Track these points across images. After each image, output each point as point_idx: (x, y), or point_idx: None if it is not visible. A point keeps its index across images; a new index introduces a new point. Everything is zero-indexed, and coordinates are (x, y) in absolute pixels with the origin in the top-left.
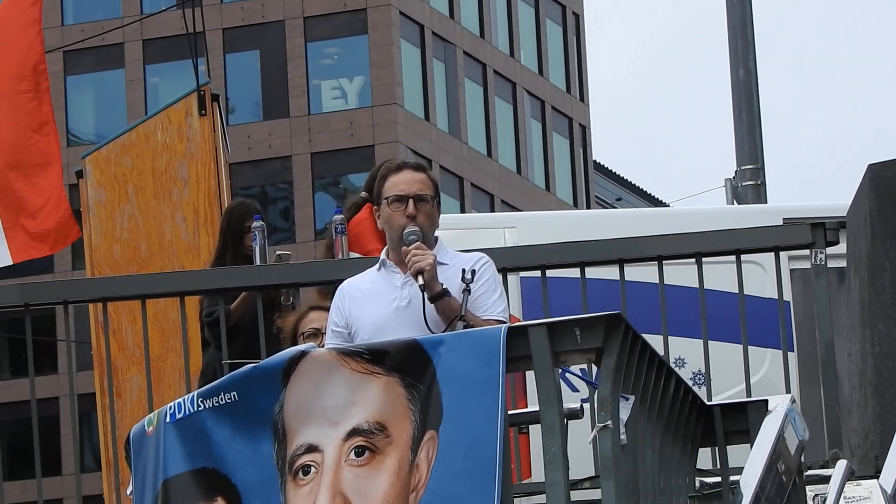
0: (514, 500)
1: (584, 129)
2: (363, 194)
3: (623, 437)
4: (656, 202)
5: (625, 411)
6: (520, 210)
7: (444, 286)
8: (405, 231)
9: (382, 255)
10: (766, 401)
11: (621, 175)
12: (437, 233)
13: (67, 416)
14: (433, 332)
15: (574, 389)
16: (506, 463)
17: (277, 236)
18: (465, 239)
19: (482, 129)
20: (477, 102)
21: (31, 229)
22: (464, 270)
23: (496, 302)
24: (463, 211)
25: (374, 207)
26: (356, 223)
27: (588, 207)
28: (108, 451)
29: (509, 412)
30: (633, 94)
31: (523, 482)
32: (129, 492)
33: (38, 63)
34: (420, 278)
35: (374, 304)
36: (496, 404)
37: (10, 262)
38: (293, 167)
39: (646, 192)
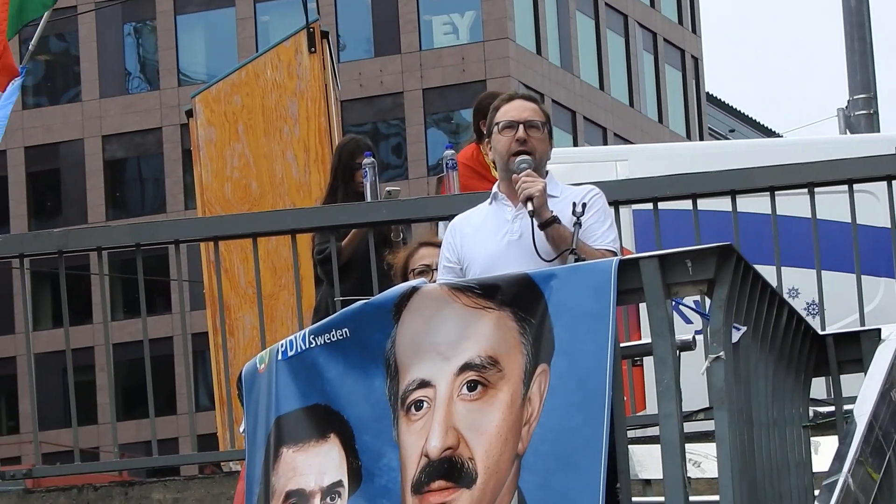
0: (628, 432)
1: (697, 61)
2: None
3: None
4: (769, 133)
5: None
6: (632, 143)
7: (554, 213)
8: (516, 160)
9: (494, 189)
10: (879, 329)
11: (734, 106)
12: (548, 166)
13: (181, 356)
14: (544, 261)
15: (687, 321)
16: (617, 395)
17: (390, 173)
18: (577, 172)
19: (594, 63)
20: (589, 35)
21: None
22: (574, 204)
23: (606, 232)
24: (575, 144)
25: (486, 140)
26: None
27: (701, 139)
28: (222, 389)
29: (622, 345)
30: (745, 24)
31: (637, 414)
32: (241, 429)
33: None
34: (529, 204)
35: (486, 238)
36: (607, 337)
37: None
38: (405, 103)
39: (758, 122)
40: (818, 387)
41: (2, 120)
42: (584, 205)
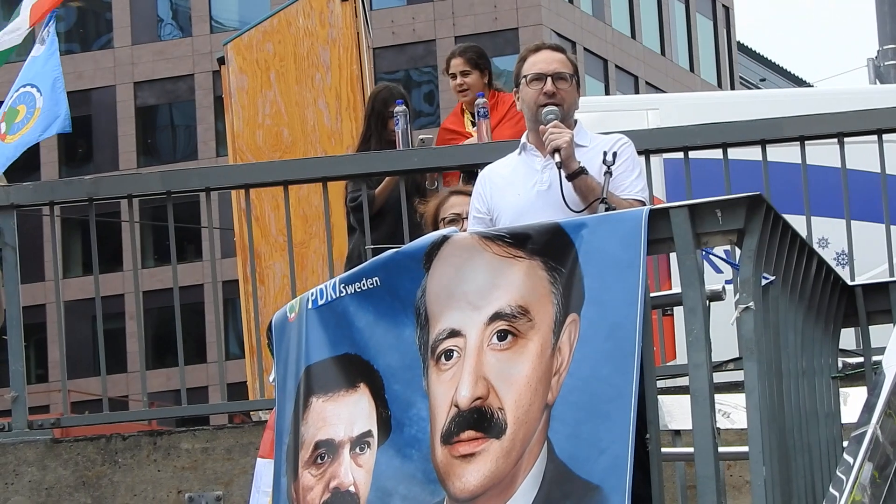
0: (658, 382)
1: (728, 10)
2: None
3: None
4: (800, 82)
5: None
6: (664, 91)
7: (581, 164)
8: (544, 111)
9: (523, 139)
10: None
11: (765, 56)
12: (579, 115)
13: (211, 304)
14: (573, 212)
15: (718, 271)
16: (647, 344)
17: (422, 121)
18: (608, 121)
19: (626, 11)
20: None
21: None
22: (605, 153)
23: (635, 181)
24: (607, 93)
25: (514, 89)
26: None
27: (732, 88)
28: (252, 337)
29: (652, 294)
30: None
31: (668, 364)
32: (271, 379)
33: None
34: (557, 156)
35: (515, 188)
36: (637, 286)
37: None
38: (437, 51)
39: (790, 72)
40: (847, 337)
41: (55, 70)
42: (614, 154)
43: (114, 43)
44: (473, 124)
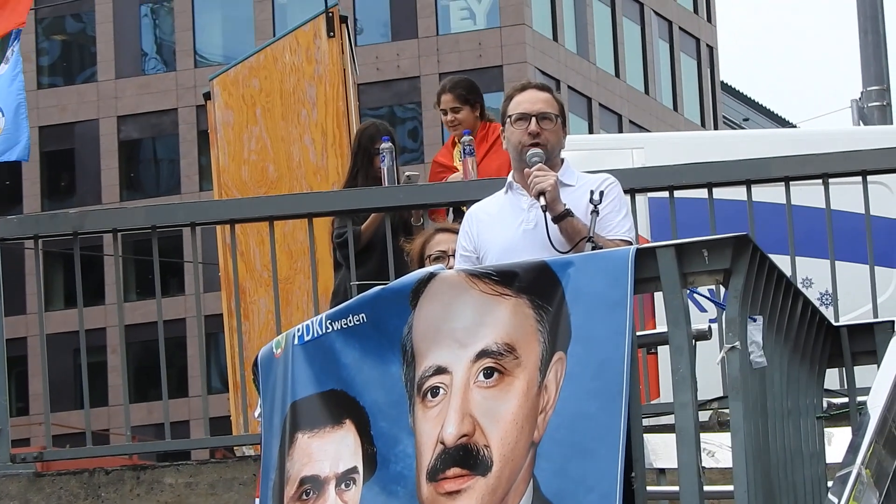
0: (643, 420)
1: (712, 50)
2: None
3: (762, 358)
4: (783, 122)
5: (758, 333)
6: (647, 130)
7: (567, 206)
8: (528, 153)
9: (509, 178)
10: (894, 321)
11: (748, 95)
12: (564, 153)
13: (194, 337)
14: (559, 252)
15: (702, 310)
16: (634, 383)
17: (406, 157)
18: (592, 160)
19: (610, 50)
20: (605, 22)
21: None
22: (592, 192)
23: (621, 221)
24: (591, 131)
25: (501, 130)
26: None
27: (715, 128)
28: (236, 372)
29: (638, 333)
30: (760, 14)
31: (652, 402)
32: (256, 414)
33: None
34: (542, 199)
35: (502, 227)
36: (624, 325)
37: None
38: (421, 87)
39: (773, 112)
40: (832, 378)
41: (19, 95)
42: (601, 193)
43: (97, 76)
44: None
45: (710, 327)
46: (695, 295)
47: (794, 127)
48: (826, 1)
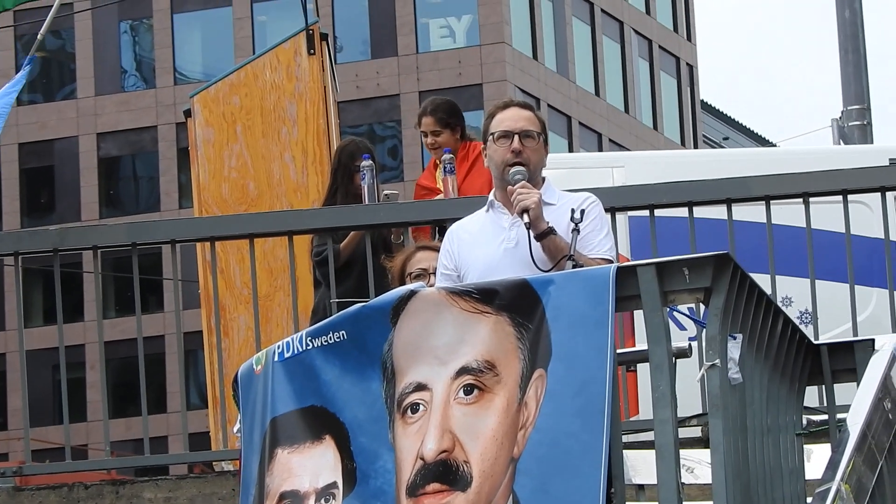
0: (622, 437)
1: (692, 69)
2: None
3: (738, 375)
4: (763, 142)
5: (735, 350)
6: (627, 149)
7: (550, 224)
8: (511, 171)
9: (490, 196)
10: (873, 340)
11: (728, 114)
12: (545, 172)
13: (173, 354)
14: (541, 270)
15: (682, 328)
16: (614, 401)
17: (386, 175)
18: (573, 178)
19: (590, 68)
20: (584, 41)
21: None
22: (573, 211)
23: (603, 241)
24: (570, 149)
25: (483, 148)
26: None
27: (695, 147)
28: (215, 389)
29: (619, 351)
30: (740, 33)
31: (631, 420)
32: (235, 430)
33: None
34: (525, 216)
35: (483, 245)
36: (605, 343)
37: None
38: (401, 105)
39: (753, 131)
40: (812, 395)
41: (3, 108)
42: (582, 212)
43: (77, 93)
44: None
45: (690, 345)
46: (675, 313)
47: (774, 146)
48: (807, 20)
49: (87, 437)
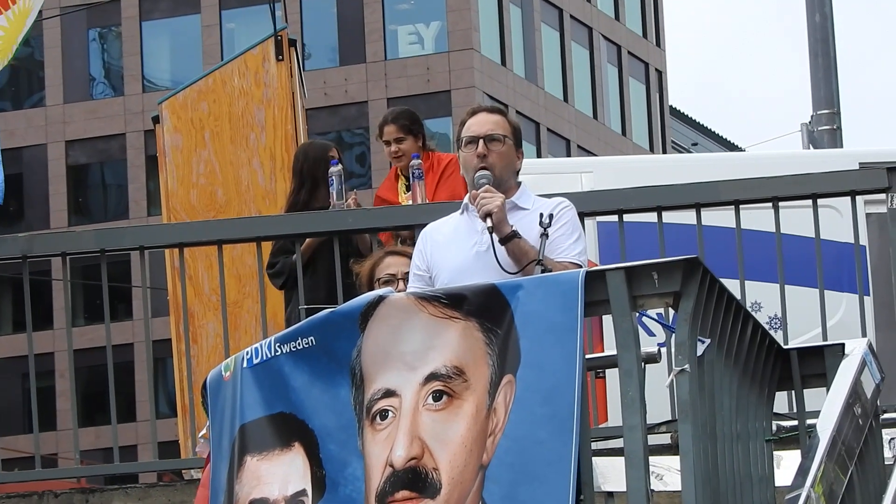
0: (591, 443)
1: (661, 75)
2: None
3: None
4: (732, 147)
5: (701, 349)
6: (596, 155)
7: (514, 228)
8: (476, 175)
9: (465, 200)
10: (843, 344)
11: (697, 120)
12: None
13: (142, 362)
14: (509, 274)
15: (651, 334)
16: (583, 407)
17: (354, 181)
18: (542, 184)
19: (559, 75)
20: (553, 48)
21: None
22: (541, 215)
23: (572, 245)
24: (539, 156)
25: (458, 156)
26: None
27: (664, 152)
28: (184, 396)
29: (587, 356)
30: (710, 39)
31: (600, 426)
32: (200, 435)
33: None
34: (489, 220)
35: (455, 248)
36: (574, 348)
37: None
38: (369, 112)
39: (722, 136)
40: (781, 401)
41: None
42: (550, 216)
43: (46, 101)
44: (408, 189)
45: (659, 350)
46: (643, 318)
47: (743, 151)
48: (776, 25)
49: (56, 446)
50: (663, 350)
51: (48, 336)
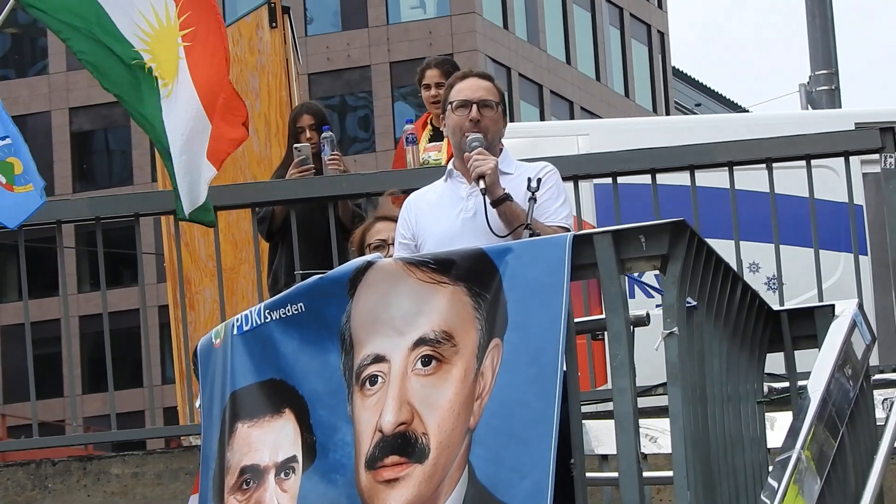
0: (587, 407)
1: (663, 36)
2: None
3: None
4: (735, 107)
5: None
6: (599, 117)
7: (506, 191)
8: (468, 138)
9: (449, 166)
10: (833, 305)
11: (700, 81)
12: (510, 140)
13: (150, 328)
14: (498, 237)
15: (649, 296)
16: (571, 369)
17: (357, 146)
18: (539, 146)
19: (561, 37)
20: (555, 10)
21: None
22: (529, 179)
23: (559, 209)
24: (542, 118)
25: (441, 116)
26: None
27: (667, 114)
28: (182, 362)
29: (579, 319)
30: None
31: (598, 389)
32: (197, 404)
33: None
34: (482, 182)
35: (441, 215)
36: (560, 311)
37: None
38: (372, 77)
39: (725, 97)
40: (773, 362)
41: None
42: (538, 180)
43: (49, 69)
44: (431, 139)
45: (647, 313)
46: (642, 280)
47: (746, 111)
48: None
49: (64, 412)
50: (653, 312)
51: (55, 302)
